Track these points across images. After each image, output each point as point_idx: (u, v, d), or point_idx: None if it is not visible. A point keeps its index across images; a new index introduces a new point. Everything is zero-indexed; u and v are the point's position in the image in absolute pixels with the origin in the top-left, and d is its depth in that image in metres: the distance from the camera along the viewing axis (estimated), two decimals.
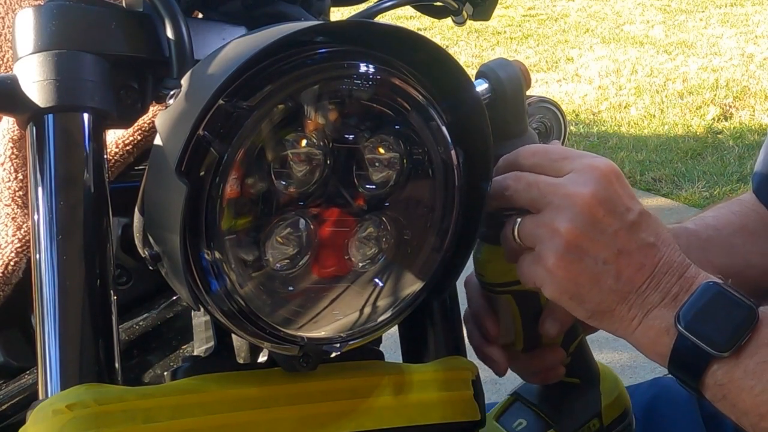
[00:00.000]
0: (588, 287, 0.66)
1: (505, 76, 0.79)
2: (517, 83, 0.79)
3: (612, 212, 0.66)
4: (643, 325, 0.67)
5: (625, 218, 0.66)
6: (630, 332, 0.67)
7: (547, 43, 6.80)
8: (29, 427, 0.58)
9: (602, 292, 0.66)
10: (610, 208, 0.66)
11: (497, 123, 0.73)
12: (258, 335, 0.60)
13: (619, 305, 0.67)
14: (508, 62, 0.80)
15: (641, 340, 0.67)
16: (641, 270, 0.66)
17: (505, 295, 0.82)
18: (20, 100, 0.62)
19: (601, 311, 0.67)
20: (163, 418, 0.60)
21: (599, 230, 0.66)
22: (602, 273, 0.66)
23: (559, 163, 0.69)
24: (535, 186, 0.68)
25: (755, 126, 4.65)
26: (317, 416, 0.65)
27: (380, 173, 0.62)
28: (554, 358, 0.85)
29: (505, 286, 0.81)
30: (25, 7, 0.63)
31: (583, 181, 0.66)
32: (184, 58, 0.62)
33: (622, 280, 0.66)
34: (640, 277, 0.67)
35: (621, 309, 0.67)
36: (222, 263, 0.57)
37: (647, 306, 0.67)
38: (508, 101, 0.78)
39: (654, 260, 0.67)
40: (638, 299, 0.67)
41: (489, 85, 0.79)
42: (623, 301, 0.67)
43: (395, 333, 0.76)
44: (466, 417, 0.71)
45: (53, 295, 0.60)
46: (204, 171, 0.55)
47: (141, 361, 0.87)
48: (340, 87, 0.59)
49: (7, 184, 0.75)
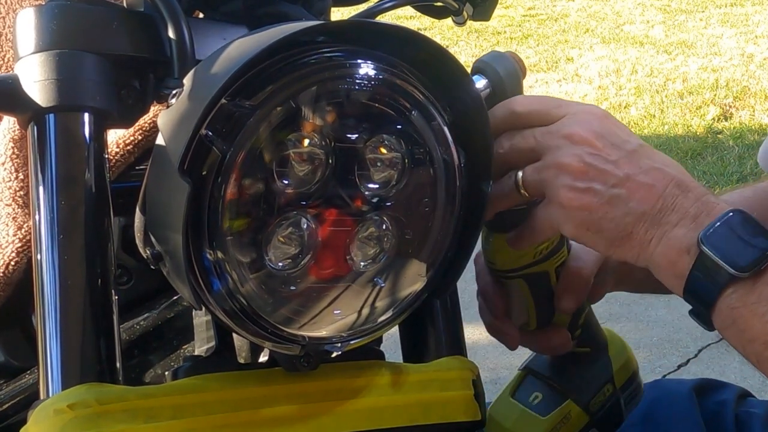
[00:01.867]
0: (603, 213, 0.67)
1: (502, 70, 0.79)
2: (515, 76, 0.79)
3: (611, 144, 0.68)
4: (663, 245, 0.67)
5: (624, 147, 0.68)
6: (649, 255, 0.68)
7: (547, 43, 6.80)
8: (30, 427, 0.58)
9: (617, 216, 0.67)
10: (609, 140, 0.68)
11: None
12: (259, 335, 0.60)
13: (635, 227, 0.67)
14: (503, 55, 0.80)
15: (661, 262, 0.67)
16: (652, 190, 0.67)
17: (517, 279, 0.83)
18: (21, 99, 0.62)
19: (620, 238, 0.68)
20: (164, 417, 0.60)
21: (602, 159, 0.67)
22: (614, 197, 0.67)
23: (554, 110, 0.71)
24: (531, 136, 0.70)
25: (755, 126, 4.65)
26: (318, 416, 0.65)
27: (382, 173, 0.62)
28: (565, 332, 0.87)
29: (516, 271, 0.82)
30: (26, 6, 0.63)
31: (578, 120, 0.69)
32: (185, 58, 0.62)
33: (635, 201, 0.67)
34: (652, 197, 0.67)
35: (638, 231, 0.67)
36: (224, 262, 0.57)
37: (664, 225, 0.67)
38: (508, 95, 0.78)
39: (663, 181, 0.67)
40: (654, 219, 0.67)
41: (487, 80, 0.79)
42: (639, 222, 0.67)
43: (395, 333, 0.77)
44: (466, 417, 0.71)
45: (54, 295, 0.60)
46: (206, 170, 0.56)
47: (142, 361, 0.87)
48: (342, 87, 0.59)
49: (8, 183, 0.75)
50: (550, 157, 0.69)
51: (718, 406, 1.02)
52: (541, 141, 0.70)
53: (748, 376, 2.42)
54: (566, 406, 0.88)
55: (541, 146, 0.69)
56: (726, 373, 2.42)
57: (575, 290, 0.84)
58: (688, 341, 2.73)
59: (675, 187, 0.67)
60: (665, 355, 2.70)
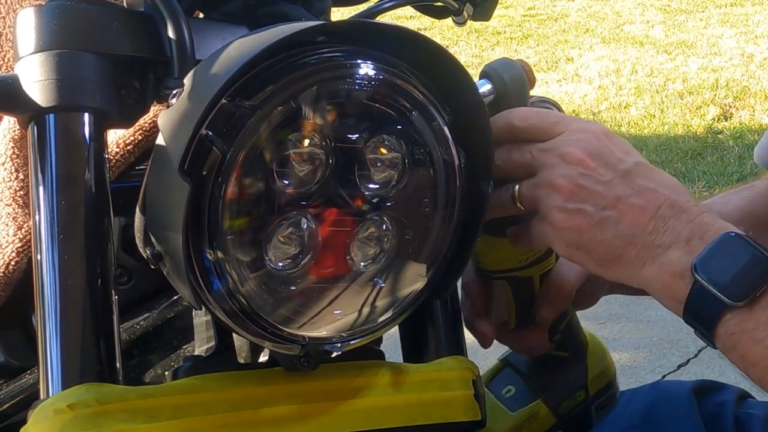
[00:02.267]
0: (592, 235, 0.68)
1: (508, 76, 0.79)
2: (520, 83, 0.79)
3: (604, 164, 0.68)
4: (656, 269, 0.67)
5: (618, 168, 0.68)
6: (643, 277, 0.67)
7: (547, 43, 6.80)
8: (30, 427, 0.58)
9: (607, 238, 0.67)
10: (603, 160, 0.68)
11: None
12: (259, 335, 0.60)
13: (626, 250, 0.67)
14: (511, 62, 0.80)
15: (655, 285, 0.67)
16: (643, 213, 0.67)
17: (500, 281, 0.84)
18: (21, 99, 0.62)
19: (609, 259, 0.68)
20: (164, 417, 0.60)
21: (594, 180, 0.68)
22: (604, 220, 0.67)
23: (553, 127, 0.71)
24: (528, 151, 0.71)
25: (755, 126, 4.65)
26: (318, 416, 0.65)
27: (382, 173, 0.62)
28: (544, 335, 0.88)
29: (501, 273, 0.84)
30: (26, 6, 0.63)
31: (574, 139, 0.69)
32: (185, 57, 0.62)
33: (625, 224, 0.67)
34: (643, 220, 0.67)
35: (628, 253, 0.67)
36: (224, 262, 0.57)
37: (656, 249, 0.66)
38: (512, 102, 0.78)
39: (655, 203, 0.67)
40: (645, 242, 0.67)
41: (492, 85, 0.79)
42: (630, 245, 0.67)
43: (395, 333, 0.77)
44: (466, 417, 0.71)
45: (54, 295, 0.60)
46: (206, 170, 0.56)
47: (142, 361, 0.87)
48: (342, 87, 0.59)
49: (8, 183, 0.75)
50: (544, 175, 0.69)
51: (717, 407, 1.02)
52: (537, 158, 0.70)
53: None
54: (536, 405, 0.89)
55: (537, 163, 0.70)
56: (726, 373, 2.42)
57: (555, 301, 0.84)
58: (688, 341, 2.73)
59: (668, 208, 0.67)
60: (665, 355, 2.70)
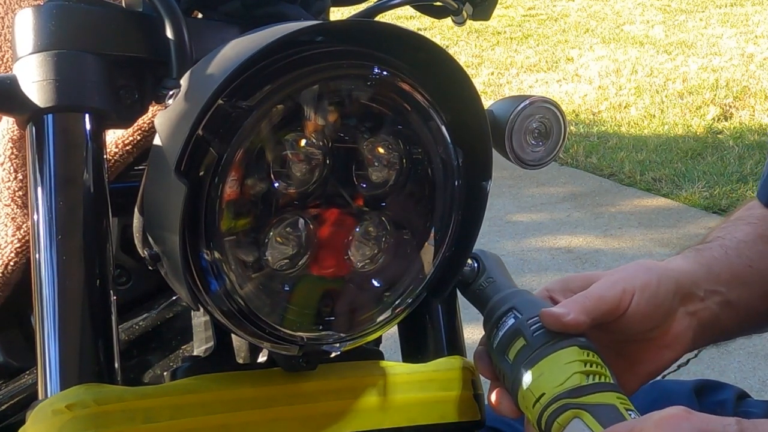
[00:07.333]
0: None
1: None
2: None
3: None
4: None
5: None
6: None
7: (547, 43, 6.80)
8: (29, 427, 0.58)
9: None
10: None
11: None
12: (257, 335, 0.60)
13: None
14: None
15: None
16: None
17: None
18: (20, 100, 0.62)
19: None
20: (163, 418, 0.60)
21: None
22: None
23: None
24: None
25: (755, 126, 4.64)
26: (317, 416, 0.65)
27: (380, 173, 0.62)
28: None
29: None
30: (24, 7, 0.63)
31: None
32: (183, 58, 0.62)
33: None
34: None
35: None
36: (221, 263, 0.57)
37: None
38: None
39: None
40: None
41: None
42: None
43: (395, 333, 0.77)
44: (466, 417, 0.71)
45: (53, 295, 0.60)
46: (203, 171, 0.55)
47: (141, 361, 0.87)
48: (340, 87, 0.59)
49: (6, 184, 0.75)
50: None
51: (717, 406, 1.01)
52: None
53: (748, 376, 2.42)
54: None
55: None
56: (726, 373, 2.42)
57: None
58: None
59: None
60: None
